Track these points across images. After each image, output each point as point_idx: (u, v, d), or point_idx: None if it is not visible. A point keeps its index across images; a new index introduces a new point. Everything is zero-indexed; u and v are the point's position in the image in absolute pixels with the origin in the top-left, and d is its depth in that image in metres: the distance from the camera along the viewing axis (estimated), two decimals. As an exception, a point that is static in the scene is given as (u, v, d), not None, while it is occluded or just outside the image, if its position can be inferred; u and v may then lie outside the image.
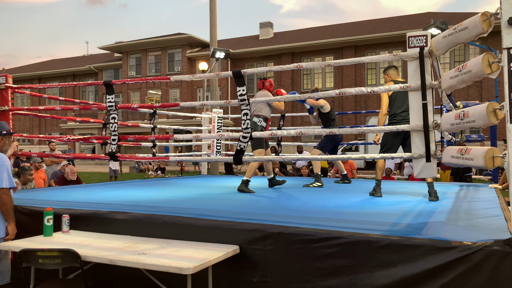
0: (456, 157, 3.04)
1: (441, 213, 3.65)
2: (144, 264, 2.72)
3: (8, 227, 3.52)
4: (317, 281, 2.81)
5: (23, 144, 36.70)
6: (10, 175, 3.51)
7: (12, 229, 3.51)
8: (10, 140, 3.74)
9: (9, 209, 3.48)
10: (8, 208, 3.47)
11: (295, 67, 4.01)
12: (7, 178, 3.46)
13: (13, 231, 3.51)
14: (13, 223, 3.53)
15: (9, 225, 3.51)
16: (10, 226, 3.51)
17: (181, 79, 4.73)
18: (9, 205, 3.48)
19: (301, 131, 4.17)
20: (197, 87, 32.68)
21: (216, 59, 12.53)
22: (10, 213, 3.50)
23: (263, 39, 33.83)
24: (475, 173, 13.30)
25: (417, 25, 26.21)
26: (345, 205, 4.20)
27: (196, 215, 3.46)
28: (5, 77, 5.93)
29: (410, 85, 3.49)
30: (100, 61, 38.41)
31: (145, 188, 6.12)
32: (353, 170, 10.48)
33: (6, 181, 3.46)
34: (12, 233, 3.51)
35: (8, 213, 3.48)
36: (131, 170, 23.92)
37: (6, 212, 3.48)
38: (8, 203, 3.46)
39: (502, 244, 2.39)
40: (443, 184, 6.92)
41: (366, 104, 27.97)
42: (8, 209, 3.47)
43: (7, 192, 3.47)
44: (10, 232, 3.50)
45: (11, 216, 3.51)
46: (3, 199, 3.43)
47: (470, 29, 2.83)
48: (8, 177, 3.48)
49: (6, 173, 3.46)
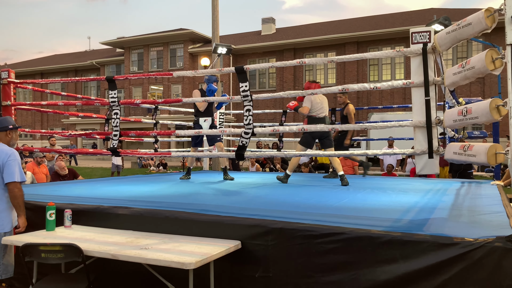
0: (458, 154, 3.04)
1: (443, 209, 3.65)
2: (146, 259, 2.73)
3: (19, 219, 3.58)
4: (318, 276, 2.82)
5: (25, 139, 36.77)
6: (21, 169, 3.59)
7: (23, 221, 3.58)
8: (16, 134, 3.79)
9: (20, 202, 3.55)
10: (19, 201, 3.54)
11: (298, 63, 4.01)
12: (18, 172, 3.53)
13: (23, 223, 3.58)
14: (24, 216, 3.60)
15: (20, 217, 3.58)
16: (21, 218, 3.58)
17: (183, 74, 4.73)
18: (21, 199, 3.55)
19: (303, 127, 4.17)
20: (199, 83, 32.65)
21: (218, 54, 12.50)
22: (22, 206, 3.58)
23: (265, 35, 33.75)
24: (477, 169, 13.27)
25: (420, 21, 26.10)
26: (346, 201, 4.20)
27: (198, 210, 3.47)
28: (8, 72, 5.94)
29: (413, 81, 3.48)
30: (102, 57, 38.40)
31: (147, 184, 6.13)
32: (354, 166, 10.46)
33: (18, 175, 3.52)
34: (23, 225, 3.58)
35: (19, 206, 3.56)
36: (133, 165, 23.94)
37: (18, 205, 3.55)
38: (19, 197, 3.53)
39: (504, 241, 2.39)
40: (445, 181, 6.91)
41: (368, 100, 27.92)
42: (20, 202, 3.55)
43: (18, 186, 3.53)
44: (21, 224, 3.58)
45: (22, 209, 3.58)
46: (15, 193, 3.49)
47: (474, 25, 2.82)
48: (20, 171, 3.55)
49: (17, 167, 3.53)
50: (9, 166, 3.48)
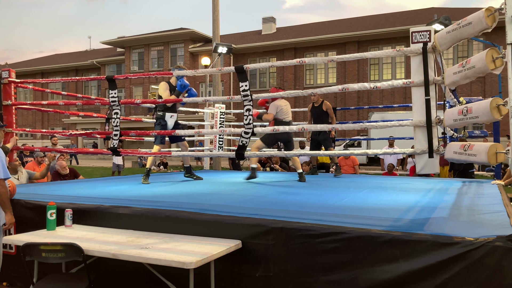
0: (459, 153, 3.04)
1: (443, 208, 3.65)
2: (146, 258, 2.73)
3: (5, 217, 3.59)
4: (319, 276, 2.82)
5: (26, 138, 36.79)
6: (4, 167, 3.58)
7: (9, 218, 3.59)
8: (2, 133, 3.79)
9: (4, 199, 3.55)
10: (3, 198, 3.54)
11: (298, 62, 4.01)
12: (1, 169, 3.52)
13: (10, 220, 3.59)
14: (10, 212, 3.61)
15: (6, 214, 3.59)
16: (7, 215, 3.59)
17: (184, 74, 4.74)
18: (5, 195, 3.55)
19: (303, 127, 4.17)
20: (199, 82, 32.65)
21: (218, 54, 12.51)
22: (7, 203, 3.58)
23: (265, 34, 33.75)
24: (478, 169, 13.26)
25: (420, 20, 26.08)
26: (347, 201, 4.20)
27: (198, 209, 3.47)
28: (8, 71, 5.95)
29: (413, 81, 3.48)
30: (102, 56, 38.41)
31: (148, 183, 6.13)
32: (355, 166, 10.46)
33: (1, 172, 3.52)
34: (9, 222, 3.59)
35: (4, 203, 3.56)
36: (134, 165, 23.95)
37: (2, 202, 3.56)
38: (3, 194, 3.53)
39: (505, 240, 2.39)
40: (446, 180, 6.91)
41: (368, 99, 27.91)
42: (4, 199, 3.55)
43: (2, 183, 3.53)
44: (8, 221, 3.59)
45: (7, 206, 3.59)
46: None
47: (474, 25, 2.82)
48: (3, 168, 3.54)
49: (0, 164, 3.51)
50: None
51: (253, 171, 6.31)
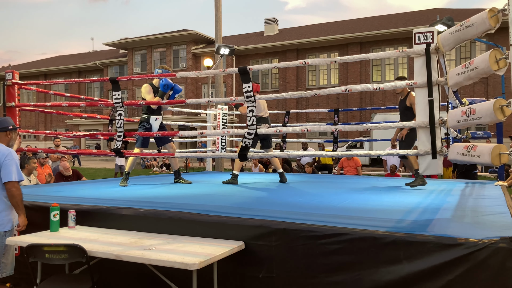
0: (462, 154, 3.03)
1: (447, 210, 3.64)
2: (149, 259, 2.73)
3: (19, 218, 3.61)
4: (322, 277, 2.82)
5: (29, 140, 36.90)
6: (18, 169, 3.61)
7: (22, 220, 3.60)
8: (16, 134, 3.82)
9: (18, 201, 3.57)
10: (17, 200, 3.56)
11: (301, 63, 4.01)
12: (16, 171, 3.55)
13: (23, 222, 3.61)
14: (24, 214, 3.62)
15: (20, 216, 3.61)
16: (21, 217, 3.60)
17: (186, 75, 4.74)
18: (19, 198, 3.57)
19: (306, 128, 4.17)
20: (202, 84, 32.70)
21: (221, 55, 12.52)
22: (20, 205, 3.60)
23: (268, 36, 33.77)
24: (481, 170, 13.23)
25: (423, 21, 26.06)
26: (350, 202, 4.20)
27: (201, 211, 3.47)
28: (12, 73, 5.97)
29: (416, 82, 3.48)
30: (105, 58, 38.51)
31: (151, 184, 6.15)
32: (358, 167, 10.46)
33: (15, 174, 3.54)
34: (23, 224, 3.60)
35: (18, 205, 3.58)
36: (136, 166, 23.97)
37: (16, 205, 3.57)
38: (17, 196, 3.55)
39: (508, 241, 2.38)
40: (449, 181, 6.90)
41: (371, 100, 27.89)
42: (18, 202, 3.57)
43: (16, 185, 3.55)
44: (21, 223, 3.60)
45: (21, 208, 3.60)
46: (13, 192, 3.52)
47: (477, 26, 2.82)
48: (17, 170, 3.58)
49: (14, 166, 3.56)
50: (7, 166, 3.51)
51: (234, 178, 6.14)
